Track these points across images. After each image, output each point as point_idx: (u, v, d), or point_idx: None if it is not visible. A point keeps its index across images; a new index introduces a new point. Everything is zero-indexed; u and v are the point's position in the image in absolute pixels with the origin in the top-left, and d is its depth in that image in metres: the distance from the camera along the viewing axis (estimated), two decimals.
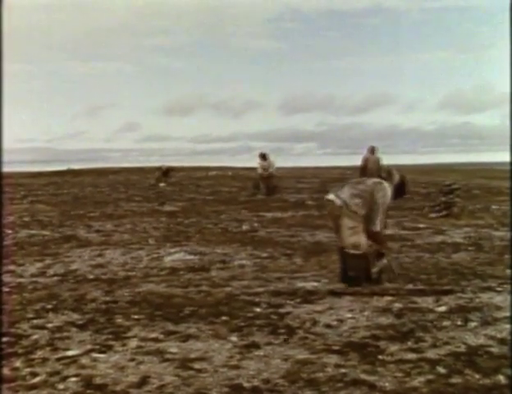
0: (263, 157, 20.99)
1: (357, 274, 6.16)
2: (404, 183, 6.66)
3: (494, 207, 15.66)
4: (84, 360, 4.08)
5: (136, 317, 5.15)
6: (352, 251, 6.14)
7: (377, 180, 6.42)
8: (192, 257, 8.42)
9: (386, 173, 6.63)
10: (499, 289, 6.01)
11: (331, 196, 6.38)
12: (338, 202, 6.23)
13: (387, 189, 6.31)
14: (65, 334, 4.70)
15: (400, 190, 6.57)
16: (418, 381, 3.63)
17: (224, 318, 5.08)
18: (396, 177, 6.54)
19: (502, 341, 4.34)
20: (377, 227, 6.25)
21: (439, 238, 10.04)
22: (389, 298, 5.65)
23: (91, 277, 7.15)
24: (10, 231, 11.37)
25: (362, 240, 6.17)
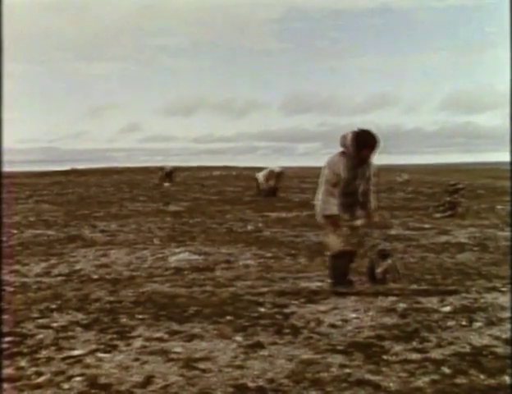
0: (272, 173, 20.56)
1: (333, 274, 6.04)
2: (358, 136, 5.72)
3: (499, 207, 15.63)
4: (89, 360, 4.08)
5: (141, 317, 5.16)
6: (327, 252, 6.09)
7: (327, 159, 5.91)
8: (197, 257, 8.42)
9: (340, 142, 5.85)
10: (504, 289, 5.99)
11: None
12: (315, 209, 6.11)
13: (331, 164, 5.78)
14: (69, 334, 4.70)
15: (361, 147, 5.71)
16: (422, 381, 3.62)
17: (229, 317, 5.08)
18: (348, 138, 5.73)
19: (507, 342, 4.33)
20: (329, 211, 5.76)
21: (444, 238, 10.02)
22: (393, 298, 5.64)
23: (96, 276, 7.16)
24: (15, 231, 11.40)
25: (331, 239, 5.97)
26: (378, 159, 6.16)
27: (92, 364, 4.00)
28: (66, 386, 3.64)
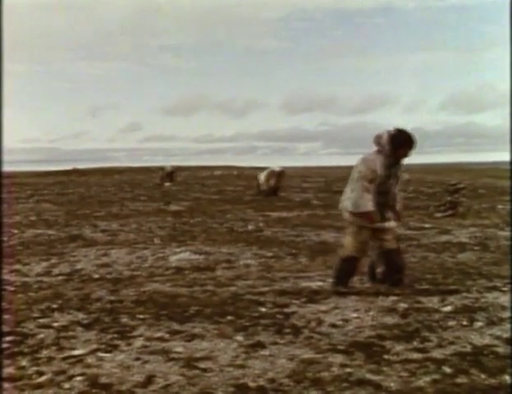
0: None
1: (338, 275, 6.01)
2: (396, 135, 5.72)
3: (500, 206, 15.63)
4: (90, 360, 4.08)
5: (141, 316, 5.16)
6: (341, 252, 6.06)
7: (361, 156, 5.88)
8: (197, 256, 8.43)
9: (374, 142, 5.84)
10: (504, 289, 5.99)
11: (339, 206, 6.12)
12: (340, 206, 6.06)
13: (368, 160, 5.76)
14: (70, 333, 4.70)
15: (397, 147, 5.70)
16: (423, 381, 3.62)
17: (229, 317, 5.08)
18: (384, 137, 5.76)
19: (508, 341, 4.33)
20: (363, 207, 5.69)
21: (444, 238, 10.02)
22: (394, 298, 5.63)
23: (96, 276, 7.16)
24: (16, 231, 11.41)
25: (346, 241, 5.95)
26: None
27: (93, 364, 4.00)
28: (66, 385, 3.64)
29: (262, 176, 20.39)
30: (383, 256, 5.97)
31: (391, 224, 5.97)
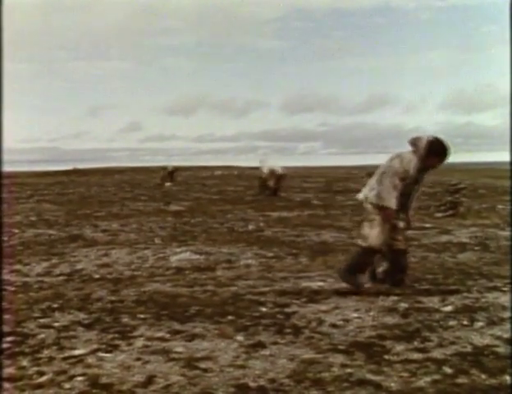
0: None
1: (353, 264, 5.93)
2: (435, 143, 5.74)
3: (500, 206, 15.62)
4: (91, 360, 4.09)
5: (142, 316, 5.16)
6: (359, 242, 5.91)
7: (395, 153, 5.85)
8: (198, 256, 8.43)
9: (410, 142, 5.86)
10: (505, 289, 5.99)
11: (358, 195, 6.06)
12: (361, 197, 5.96)
13: (404, 158, 5.70)
14: (71, 333, 4.70)
15: (432, 155, 5.72)
16: (424, 381, 3.62)
17: (230, 317, 5.08)
18: (423, 141, 5.74)
19: (508, 341, 4.32)
20: (387, 202, 5.64)
21: (445, 238, 10.02)
22: (395, 298, 5.64)
23: (97, 276, 7.17)
24: (16, 231, 11.41)
25: (373, 232, 5.79)
26: (379, 159, 6.14)
27: (93, 364, 4.00)
28: (67, 385, 3.64)
29: (265, 170, 20.43)
30: (391, 255, 5.97)
31: (401, 224, 5.98)
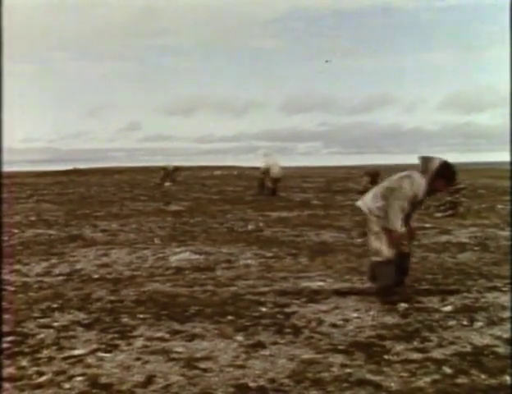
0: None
1: (384, 282, 5.72)
2: (446, 167, 5.71)
3: (500, 206, 15.62)
4: (90, 360, 4.09)
5: (142, 316, 5.16)
6: (374, 258, 5.78)
7: (405, 173, 5.77)
8: (197, 256, 8.42)
9: (421, 162, 5.79)
10: (505, 289, 5.99)
11: (358, 203, 6.00)
12: (364, 208, 5.88)
13: (416, 183, 5.63)
14: (71, 333, 4.71)
15: (440, 178, 5.67)
16: (423, 381, 3.62)
17: (230, 317, 5.08)
18: (435, 163, 5.69)
19: (508, 341, 4.32)
20: (395, 226, 5.60)
21: (444, 238, 10.01)
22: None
23: (96, 276, 7.16)
24: (16, 231, 11.41)
25: (384, 246, 5.70)
26: (379, 159, 6.11)
27: (93, 364, 4.00)
28: (67, 385, 3.64)
29: (262, 167, 20.55)
30: (396, 258, 5.92)
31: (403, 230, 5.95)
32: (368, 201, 5.88)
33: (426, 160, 5.77)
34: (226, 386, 3.59)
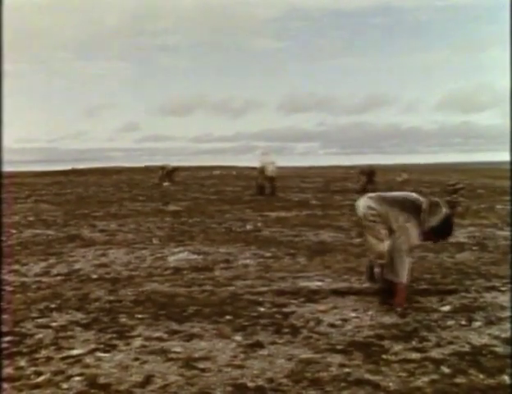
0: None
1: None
2: (448, 224, 5.57)
3: (498, 206, 15.64)
4: (88, 360, 4.08)
5: (140, 316, 5.16)
6: (380, 261, 5.68)
7: (405, 217, 5.50)
8: (196, 256, 8.42)
9: (429, 204, 5.56)
10: (503, 288, 6.00)
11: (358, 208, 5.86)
12: (359, 212, 5.79)
13: (411, 230, 5.47)
14: (69, 333, 4.70)
15: (439, 232, 5.56)
16: (422, 381, 3.63)
17: (228, 317, 5.08)
18: (441, 213, 5.49)
19: (507, 341, 4.33)
20: (401, 277, 5.43)
21: None
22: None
23: (95, 276, 7.15)
24: (14, 231, 11.39)
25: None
26: (378, 159, 6.08)
27: (91, 364, 4.00)
28: (65, 385, 3.64)
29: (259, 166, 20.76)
30: None
31: None
32: (362, 208, 5.76)
33: (431, 202, 5.60)
34: (225, 386, 3.59)
